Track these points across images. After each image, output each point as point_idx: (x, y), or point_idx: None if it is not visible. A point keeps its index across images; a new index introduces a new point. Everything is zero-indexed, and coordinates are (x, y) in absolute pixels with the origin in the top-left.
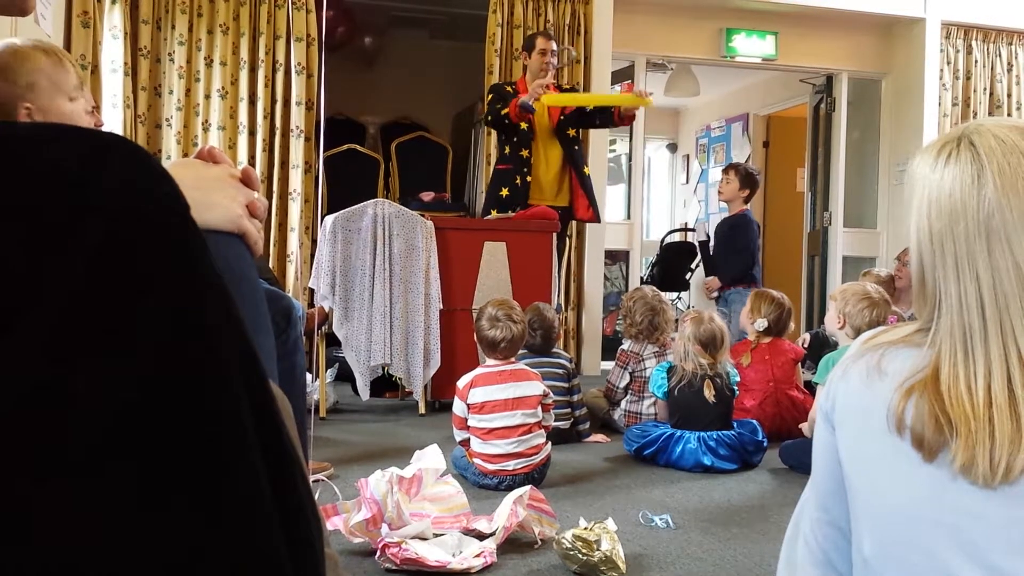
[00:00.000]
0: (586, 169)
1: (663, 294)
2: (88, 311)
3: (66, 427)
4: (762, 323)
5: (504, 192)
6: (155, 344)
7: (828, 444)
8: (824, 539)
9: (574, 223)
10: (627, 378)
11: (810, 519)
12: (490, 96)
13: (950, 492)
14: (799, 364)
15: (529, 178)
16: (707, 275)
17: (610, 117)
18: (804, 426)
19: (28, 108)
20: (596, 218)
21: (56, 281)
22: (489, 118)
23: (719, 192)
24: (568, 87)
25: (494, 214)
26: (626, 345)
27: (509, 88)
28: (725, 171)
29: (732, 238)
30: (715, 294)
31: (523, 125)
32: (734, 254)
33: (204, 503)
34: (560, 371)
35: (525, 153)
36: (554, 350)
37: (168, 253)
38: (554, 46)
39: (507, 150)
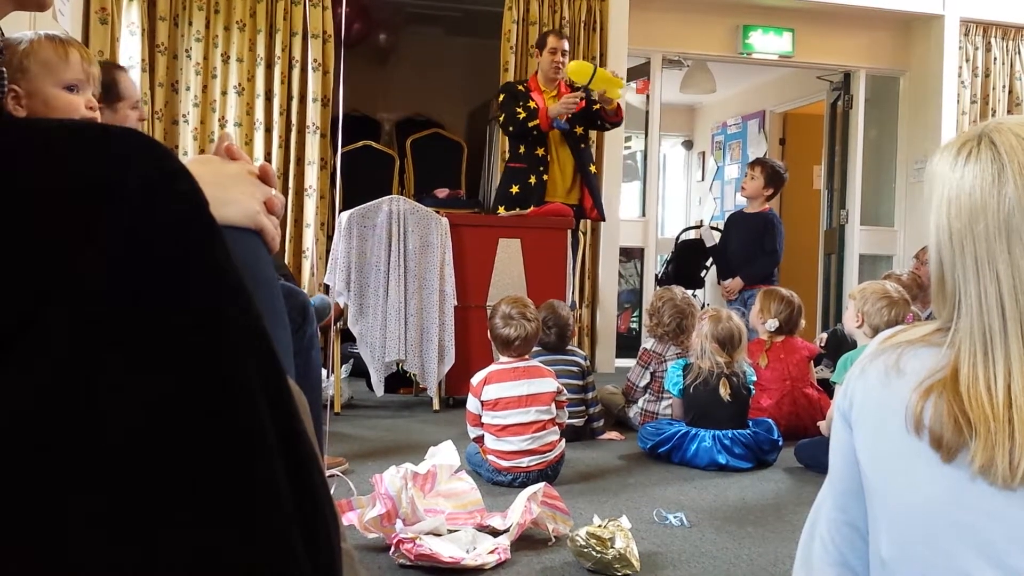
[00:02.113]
0: (592, 168)
1: (676, 289)
2: (108, 310)
3: (88, 427)
4: (773, 323)
5: (515, 190)
6: (175, 342)
7: (846, 443)
8: (841, 539)
9: (588, 220)
10: (648, 377)
11: (827, 519)
12: (502, 97)
13: (969, 493)
14: (812, 361)
15: (546, 176)
16: (722, 277)
17: (602, 119)
18: (822, 424)
19: (15, 90)
20: (601, 217)
21: (76, 280)
22: (511, 128)
23: (742, 188)
24: (580, 84)
25: (502, 211)
26: (649, 344)
27: (521, 87)
28: (751, 166)
29: (761, 238)
30: (735, 296)
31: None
32: (763, 255)
33: (223, 500)
34: (575, 369)
35: (541, 151)
36: (569, 348)
37: (188, 251)
38: (566, 45)
39: (521, 149)
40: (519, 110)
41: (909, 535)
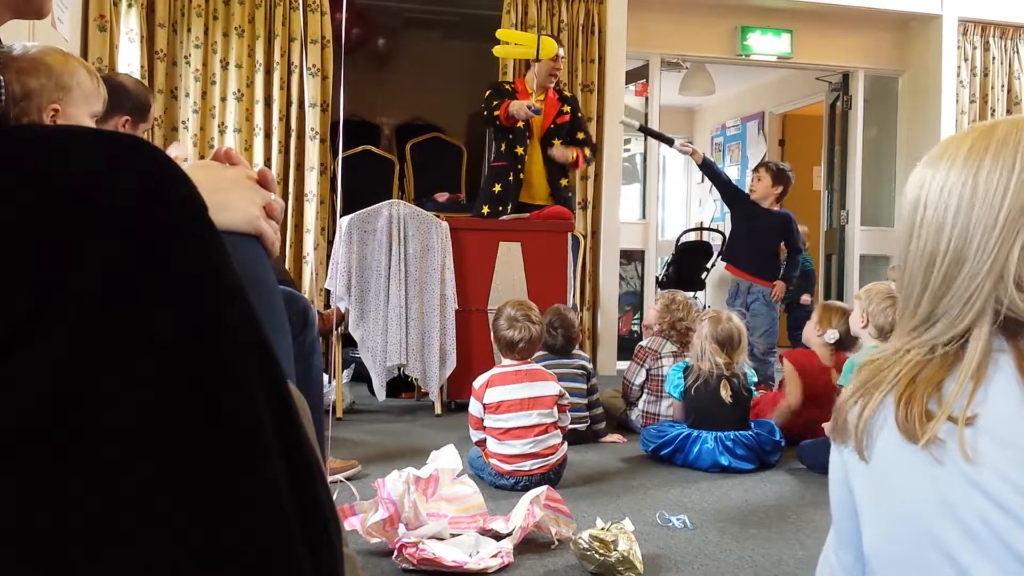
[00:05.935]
0: (563, 181)
1: (687, 294)
2: (107, 314)
3: (87, 431)
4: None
5: (497, 188)
6: (174, 347)
7: (847, 504)
8: None
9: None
10: (643, 375)
11: (831, 566)
12: (488, 93)
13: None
14: None
15: (522, 175)
16: (730, 260)
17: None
18: (826, 426)
19: (55, 109)
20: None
21: (75, 284)
22: (484, 113)
23: (751, 191)
24: (570, 95)
25: (486, 210)
26: (644, 342)
27: (508, 86)
28: (755, 170)
29: (784, 237)
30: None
31: (519, 124)
32: (795, 254)
33: (223, 504)
34: (580, 372)
35: (520, 150)
36: (574, 351)
37: (186, 255)
38: (561, 52)
39: (503, 147)
40: (496, 103)
41: (899, 535)
